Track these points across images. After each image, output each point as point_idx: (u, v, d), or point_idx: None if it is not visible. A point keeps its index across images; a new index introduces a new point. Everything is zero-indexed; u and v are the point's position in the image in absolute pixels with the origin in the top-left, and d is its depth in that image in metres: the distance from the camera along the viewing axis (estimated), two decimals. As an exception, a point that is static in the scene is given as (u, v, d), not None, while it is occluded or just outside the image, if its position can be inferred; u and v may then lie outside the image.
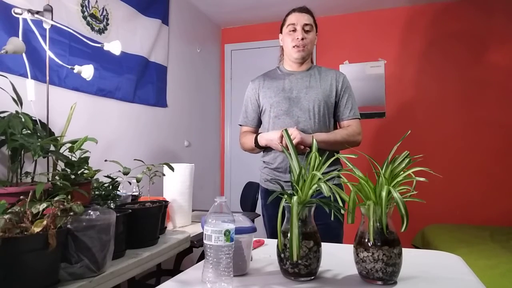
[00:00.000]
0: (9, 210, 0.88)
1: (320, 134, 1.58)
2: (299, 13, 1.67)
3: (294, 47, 1.64)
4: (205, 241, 0.81)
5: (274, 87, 1.69)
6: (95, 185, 1.38)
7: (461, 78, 3.16)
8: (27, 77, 1.50)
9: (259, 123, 1.79)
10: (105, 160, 1.50)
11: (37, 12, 1.49)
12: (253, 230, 0.93)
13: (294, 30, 1.65)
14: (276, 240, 0.90)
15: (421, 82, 3.26)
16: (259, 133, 1.72)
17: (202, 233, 0.83)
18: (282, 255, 0.88)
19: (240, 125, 1.84)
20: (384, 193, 0.81)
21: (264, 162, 1.74)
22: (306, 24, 1.65)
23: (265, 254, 1.10)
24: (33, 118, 1.30)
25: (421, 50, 3.27)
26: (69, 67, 1.64)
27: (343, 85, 1.68)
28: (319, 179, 0.85)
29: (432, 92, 3.23)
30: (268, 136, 1.61)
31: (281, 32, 1.75)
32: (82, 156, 1.36)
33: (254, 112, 1.76)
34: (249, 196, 2.74)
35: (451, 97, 3.18)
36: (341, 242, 1.55)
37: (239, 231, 0.88)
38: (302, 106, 1.62)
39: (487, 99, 3.09)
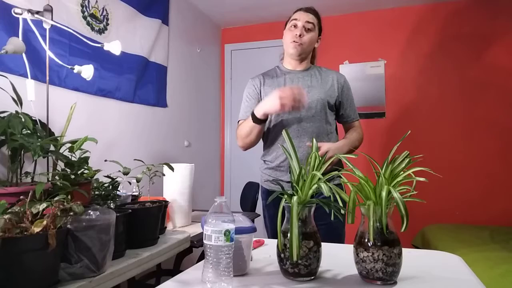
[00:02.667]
0: (9, 210, 0.88)
1: (343, 145, 1.61)
2: (304, 12, 1.68)
3: (291, 42, 1.65)
4: (205, 241, 0.81)
5: (275, 85, 1.68)
6: (95, 185, 1.38)
7: (462, 78, 3.16)
8: (27, 77, 1.50)
9: None
10: (105, 160, 1.50)
11: (37, 12, 1.49)
12: (253, 230, 0.93)
13: (295, 26, 1.65)
14: (276, 240, 0.90)
15: (421, 82, 3.26)
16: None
17: (202, 233, 0.83)
18: (282, 255, 0.87)
19: (239, 120, 1.78)
20: (384, 193, 0.81)
21: (265, 161, 1.73)
22: (308, 22, 1.65)
23: (265, 254, 1.10)
24: (33, 118, 1.30)
25: (421, 50, 3.27)
26: (69, 67, 1.64)
27: (345, 86, 1.71)
28: (319, 179, 0.85)
29: (432, 92, 3.23)
30: (267, 102, 1.49)
31: (284, 29, 1.75)
32: (82, 156, 1.36)
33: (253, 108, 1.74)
34: (249, 196, 2.74)
35: (452, 97, 3.18)
36: (343, 242, 1.55)
37: (239, 231, 0.88)
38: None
39: (487, 100, 3.09)
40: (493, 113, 3.07)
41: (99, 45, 1.73)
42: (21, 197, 0.93)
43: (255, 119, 1.56)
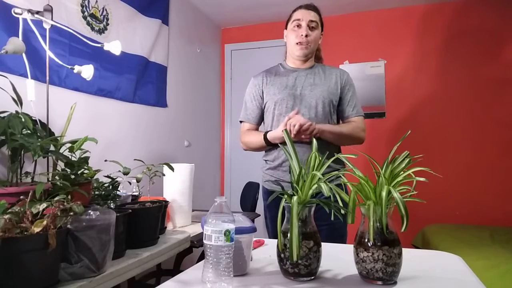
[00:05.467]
0: (9, 210, 0.88)
1: (325, 124, 1.59)
2: (305, 10, 1.65)
3: (297, 44, 1.63)
4: (205, 241, 0.81)
5: (277, 84, 1.67)
6: (95, 185, 1.38)
7: (461, 78, 3.16)
8: (27, 77, 1.50)
9: (261, 120, 1.77)
10: (105, 160, 1.50)
11: (37, 12, 1.49)
12: (253, 230, 0.93)
13: (299, 26, 1.63)
14: (276, 240, 0.90)
15: (421, 82, 3.26)
16: (267, 131, 1.66)
17: (202, 233, 0.83)
18: (282, 255, 0.87)
19: (241, 121, 1.80)
20: (384, 193, 0.81)
21: (266, 161, 1.73)
22: (312, 21, 1.63)
23: (265, 254, 1.10)
24: (33, 118, 1.30)
25: (422, 49, 3.27)
26: (69, 67, 1.64)
27: (346, 82, 1.68)
28: (319, 179, 0.85)
29: (433, 92, 3.23)
30: (279, 134, 1.56)
31: (286, 29, 1.74)
32: (82, 156, 1.36)
33: (257, 109, 1.74)
34: (249, 196, 2.74)
35: (451, 96, 3.18)
36: (345, 242, 1.55)
37: (239, 231, 0.88)
38: (307, 103, 1.62)
39: (489, 98, 3.09)
40: (495, 112, 3.07)
41: (99, 45, 1.73)
42: (21, 197, 0.93)
43: (267, 141, 1.63)
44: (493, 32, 3.10)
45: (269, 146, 1.66)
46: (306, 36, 1.61)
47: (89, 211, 1.00)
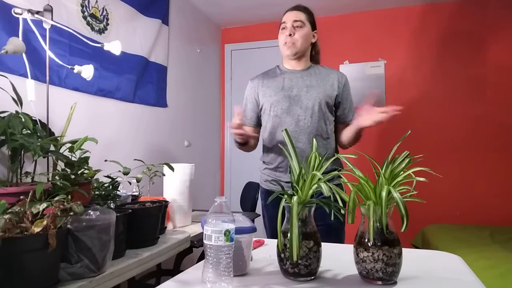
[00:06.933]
0: (9, 210, 0.88)
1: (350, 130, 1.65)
2: (290, 11, 1.70)
3: (284, 44, 1.66)
4: (205, 241, 0.81)
5: (273, 86, 1.69)
6: (95, 185, 1.38)
7: (461, 78, 3.16)
8: (27, 77, 1.50)
9: (258, 122, 1.78)
10: (105, 160, 1.50)
11: (37, 12, 1.49)
12: (253, 230, 0.93)
13: (285, 28, 1.66)
14: (276, 240, 0.90)
15: (421, 82, 3.26)
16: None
17: (202, 233, 0.83)
18: (282, 255, 0.87)
19: None
20: (384, 193, 0.81)
21: (264, 162, 1.74)
22: (296, 21, 1.65)
23: (265, 254, 1.10)
24: (33, 118, 1.30)
25: (422, 49, 3.27)
26: (69, 67, 1.64)
27: (345, 87, 1.70)
28: (319, 179, 0.85)
29: (433, 92, 3.23)
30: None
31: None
32: (82, 156, 1.36)
33: (253, 111, 1.76)
34: (249, 196, 2.74)
35: (451, 96, 3.18)
36: (342, 243, 1.55)
37: (239, 231, 0.88)
38: (303, 104, 1.62)
39: (489, 98, 3.09)
40: (494, 112, 3.07)
41: (99, 45, 1.73)
42: (21, 197, 0.93)
43: (236, 141, 1.68)
44: (492, 32, 3.10)
45: (241, 145, 1.70)
46: (291, 35, 1.64)
47: (89, 211, 1.00)
